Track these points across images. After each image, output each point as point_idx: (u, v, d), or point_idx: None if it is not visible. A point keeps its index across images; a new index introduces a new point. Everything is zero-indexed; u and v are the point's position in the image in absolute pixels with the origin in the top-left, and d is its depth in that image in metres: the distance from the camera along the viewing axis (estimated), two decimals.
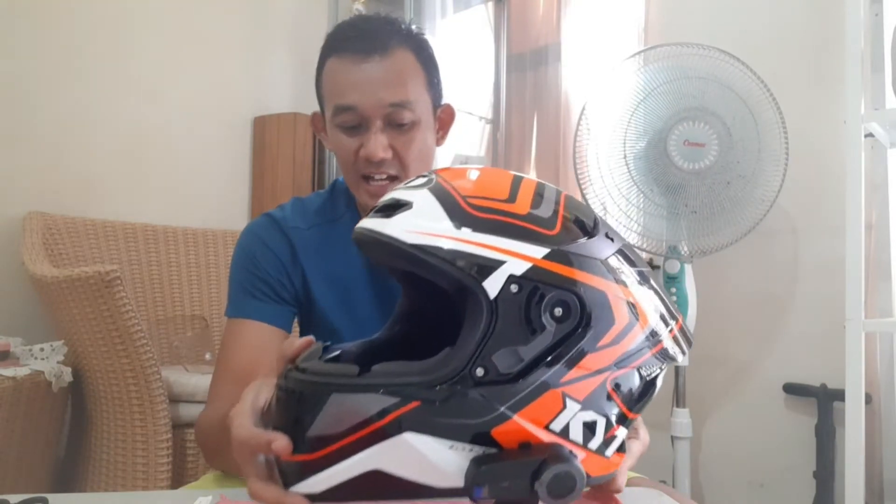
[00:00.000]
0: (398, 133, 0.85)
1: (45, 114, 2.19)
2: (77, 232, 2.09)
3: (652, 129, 1.85)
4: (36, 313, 1.99)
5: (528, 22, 2.90)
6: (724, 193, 1.81)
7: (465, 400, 0.48)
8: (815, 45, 1.99)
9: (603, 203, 1.93)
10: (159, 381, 1.64)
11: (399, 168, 0.86)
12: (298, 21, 2.95)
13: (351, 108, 0.83)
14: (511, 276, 0.49)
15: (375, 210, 0.55)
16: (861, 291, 1.46)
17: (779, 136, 1.77)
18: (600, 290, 0.52)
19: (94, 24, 2.32)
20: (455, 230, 0.51)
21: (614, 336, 0.52)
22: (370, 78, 0.83)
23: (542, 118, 2.79)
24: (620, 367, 0.52)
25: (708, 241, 1.85)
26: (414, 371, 0.50)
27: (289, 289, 0.91)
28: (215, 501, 0.68)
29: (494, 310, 0.49)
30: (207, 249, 2.41)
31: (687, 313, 1.86)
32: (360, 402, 0.48)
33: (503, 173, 0.58)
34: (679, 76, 1.83)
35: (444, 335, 0.54)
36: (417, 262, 0.50)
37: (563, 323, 0.50)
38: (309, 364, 0.53)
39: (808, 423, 1.92)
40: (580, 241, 0.53)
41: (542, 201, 0.54)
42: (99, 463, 1.74)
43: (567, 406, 0.50)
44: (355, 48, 0.83)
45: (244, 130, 2.76)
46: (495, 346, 0.49)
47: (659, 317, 0.56)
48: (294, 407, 0.50)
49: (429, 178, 0.56)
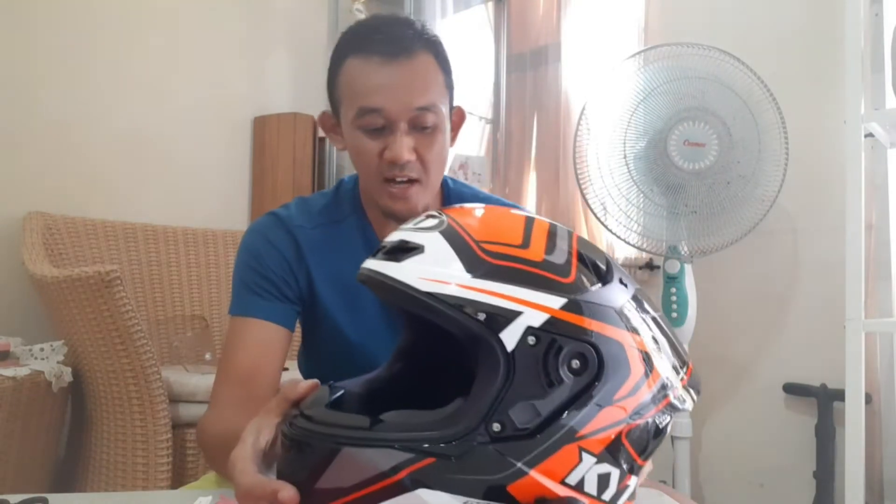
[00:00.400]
0: (421, 136, 0.85)
1: (45, 114, 2.20)
2: (77, 232, 2.09)
3: (652, 129, 1.85)
4: (36, 313, 1.99)
5: (528, 22, 2.90)
6: (725, 193, 1.81)
7: (481, 456, 0.47)
8: (815, 45, 1.99)
9: (603, 203, 1.93)
10: (159, 381, 1.64)
11: (420, 171, 0.86)
12: (298, 21, 2.95)
13: (377, 110, 0.82)
14: (529, 327, 0.48)
15: (384, 251, 0.54)
16: (861, 291, 1.46)
17: (779, 136, 1.77)
18: (616, 340, 0.51)
19: (94, 24, 2.32)
20: (469, 278, 0.49)
21: (630, 388, 0.51)
22: (397, 81, 0.82)
23: (542, 118, 2.79)
24: (635, 419, 0.51)
25: (708, 241, 1.85)
26: (428, 424, 0.48)
27: (293, 287, 0.90)
28: (215, 501, 0.68)
29: (511, 362, 0.48)
30: (207, 249, 2.41)
31: (687, 313, 1.86)
32: (372, 456, 0.47)
33: (514, 215, 0.57)
34: (679, 76, 1.83)
35: (449, 375, 0.53)
36: (430, 309, 0.49)
37: (581, 376, 0.49)
38: (316, 412, 0.51)
39: (808, 423, 1.92)
40: (595, 288, 0.52)
41: (556, 246, 0.53)
42: (99, 463, 1.74)
43: (583, 459, 0.49)
44: (380, 50, 0.82)
45: (244, 130, 2.76)
46: (512, 399, 0.48)
47: (671, 367, 0.55)
48: (302, 458, 0.49)
49: (439, 220, 0.54)
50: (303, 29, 2.95)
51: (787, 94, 1.78)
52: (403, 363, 0.63)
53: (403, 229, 0.55)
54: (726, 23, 2.16)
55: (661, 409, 0.53)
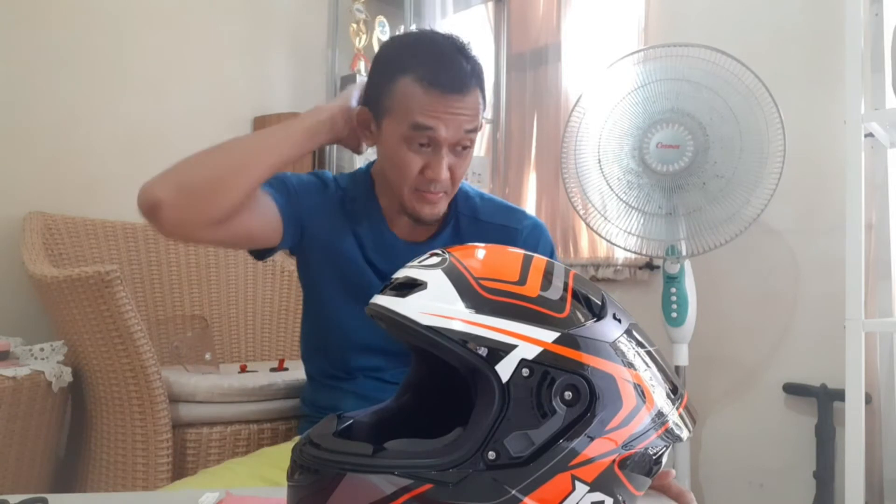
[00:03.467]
0: (456, 155, 0.95)
1: (45, 114, 2.19)
2: (77, 232, 2.09)
3: (628, 133, 1.87)
4: (36, 313, 1.99)
5: (528, 22, 2.90)
6: (700, 194, 1.80)
7: (477, 483, 0.50)
8: (815, 45, 1.99)
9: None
10: (159, 381, 1.64)
11: (449, 185, 0.97)
12: (298, 21, 2.95)
13: (431, 129, 0.91)
14: (523, 360, 0.51)
15: (391, 287, 0.57)
16: (861, 291, 1.46)
17: (769, 133, 1.72)
18: (608, 373, 0.53)
19: (93, 24, 2.32)
20: (468, 313, 0.53)
21: (622, 419, 0.53)
22: (453, 113, 0.91)
23: (542, 118, 2.79)
24: (628, 449, 0.53)
25: (699, 242, 1.84)
26: (427, 452, 0.51)
27: (295, 218, 1.03)
28: (221, 498, 0.68)
29: (506, 393, 0.51)
30: (207, 249, 2.41)
31: (687, 313, 1.86)
32: (374, 482, 0.50)
33: (513, 253, 0.61)
34: (654, 79, 1.84)
35: (454, 407, 0.55)
36: (432, 343, 0.52)
37: (573, 407, 0.51)
38: (323, 440, 0.54)
39: (808, 423, 1.92)
40: (589, 323, 0.55)
41: (552, 283, 0.57)
42: (99, 463, 1.74)
43: (576, 488, 0.51)
44: (444, 84, 0.90)
45: (244, 130, 2.75)
46: (507, 429, 0.50)
47: (665, 397, 0.57)
48: (311, 482, 0.52)
49: (442, 258, 0.58)
50: (303, 29, 2.95)
51: (787, 94, 1.78)
52: (411, 394, 0.67)
53: (410, 266, 0.59)
54: (726, 23, 2.17)
55: (655, 438, 0.55)
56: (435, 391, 0.65)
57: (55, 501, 0.68)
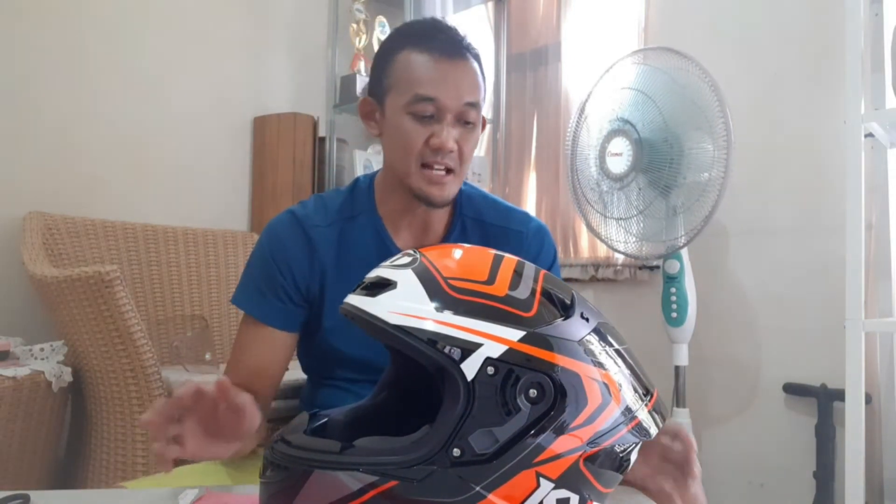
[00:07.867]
0: (463, 130, 0.93)
1: (45, 114, 2.20)
2: (77, 232, 2.09)
3: (589, 145, 1.95)
4: (36, 313, 1.99)
5: (528, 22, 2.90)
6: (636, 200, 1.86)
7: (441, 479, 0.50)
8: (815, 45, 1.98)
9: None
10: (159, 381, 1.64)
11: (457, 162, 0.93)
12: (298, 21, 2.95)
13: (432, 99, 0.89)
14: (488, 358, 0.52)
15: (363, 287, 0.58)
16: (861, 291, 1.46)
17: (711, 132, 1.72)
18: (574, 371, 0.53)
19: (94, 24, 2.32)
20: (436, 312, 0.53)
21: (587, 416, 0.53)
22: (453, 77, 0.91)
23: (542, 118, 2.79)
24: (593, 446, 0.54)
25: (649, 249, 1.90)
26: (393, 449, 0.52)
27: (303, 290, 0.96)
28: (201, 495, 0.69)
29: (471, 391, 0.51)
30: (207, 249, 2.41)
31: (687, 313, 1.86)
32: (340, 479, 0.51)
33: (484, 253, 0.61)
34: (614, 88, 1.90)
35: (427, 405, 0.56)
36: (399, 342, 0.53)
37: (538, 404, 0.52)
38: (294, 437, 0.55)
39: (808, 423, 1.92)
40: (556, 322, 0.55)
41: (521, 282, 0.57)
42: (99, 463, 1.74)
43: (541, 485, 0.52)
44: (442, 48, 0.91)
45: (244, 130, 2.76)
46: (472, 427, 0.51)
47: (634, 393, 0.57)
48: (280, 479, 0.53)
49: (413, 258, 0.59)
50: (303, 29, 2.95)
51: (787, 94, 1.78)
52: (387, 392, 0.67)
53: (382, 266, 0.60)
54: (727, 23, 2.17)
55: (624, 434, 0.55)
56: (410, 390, 0.65)
57: (37, 498, 0.68)
